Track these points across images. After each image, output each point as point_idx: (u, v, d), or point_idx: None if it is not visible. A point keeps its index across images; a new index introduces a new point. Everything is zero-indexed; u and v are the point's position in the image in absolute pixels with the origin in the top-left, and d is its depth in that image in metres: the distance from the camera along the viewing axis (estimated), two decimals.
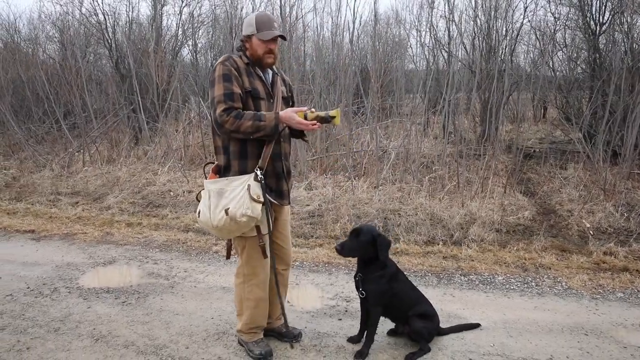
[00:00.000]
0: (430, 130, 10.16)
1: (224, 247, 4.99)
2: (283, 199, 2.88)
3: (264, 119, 2.58)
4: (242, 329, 2.94)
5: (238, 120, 2.55)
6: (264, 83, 2.76)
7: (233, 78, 2.60)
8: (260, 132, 2.59)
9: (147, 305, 3.69)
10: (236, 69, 2.64)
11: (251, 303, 2.86)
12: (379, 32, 10.79)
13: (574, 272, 4.39)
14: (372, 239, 2.88)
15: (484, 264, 4.59)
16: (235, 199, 2.57)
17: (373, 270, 2.94)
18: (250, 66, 2.72)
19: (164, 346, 3.08)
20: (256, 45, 2.69)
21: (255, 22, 2.67)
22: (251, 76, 2.71)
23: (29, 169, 8.69)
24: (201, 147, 8.85)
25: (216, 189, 2.64)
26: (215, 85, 2.60)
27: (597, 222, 5.66)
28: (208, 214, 2.63)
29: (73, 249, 5.07)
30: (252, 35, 2.68)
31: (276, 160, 2.78)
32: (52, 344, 3.10)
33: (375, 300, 2.94)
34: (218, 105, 2.57)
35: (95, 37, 11.99)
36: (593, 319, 3.51)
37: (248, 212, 2.56)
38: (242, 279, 2.85)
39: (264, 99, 2.73)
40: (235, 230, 2.63)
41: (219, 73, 2.61)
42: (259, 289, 2.85)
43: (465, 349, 3.06)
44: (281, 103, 2.82)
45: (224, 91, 2.57)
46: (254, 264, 2.79)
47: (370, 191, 6.63)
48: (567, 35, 10.48)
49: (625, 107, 7.25)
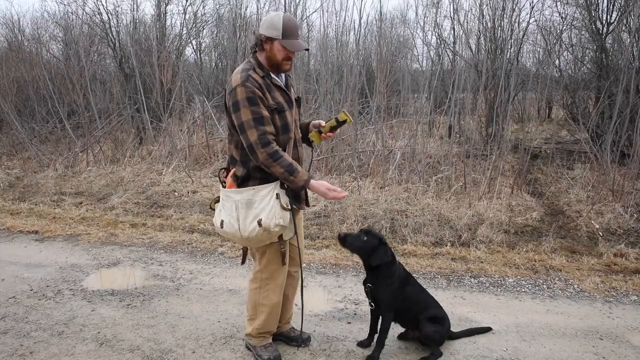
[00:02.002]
0: (436, 131, 10.10)
1: (230, 250, 4.94)
2: (301, 203, 2.82)
3: (296, 175, 2.51)
4: (252, 333, 2.88)
5: (272, 160, 2.45)
6: (282, 91, 2.65)
7: (258, 100, 2.47)
8: (286, 182, 2.55)
9: (153, 308, 3.64)
10: (259, 89, 2.49)
11: (266, 308, 2.80)
12: (384, 31, 10.72)
13: (585, 274, 4.32)
14: (376, 245, 2.83)
15: (493, 266, 4.52)
16: (265, 209, 2.50)
17: (382, 278, 2.87)
18: (266, 78, 2.58)
19: (170, 350, 3.03)
20: (277, 50, 2.54)
21: (283, 27, 2.49)
22: (271, 90, 2.57)
23: (33, 169, 8.65)
24: (205, 147, 8.80)
25: (244, 199, 2.53)
26: (241, 109, 2.46)
27: (606, 223, 5.59)
28: (237, 226, 2.53)
29: (77, 250, 5.02)
30: (275, 39, 2.52)
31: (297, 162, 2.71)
32: (56, 348, 3.05)
33: (387, 307, 2.88)
34: (249, 131, 2.45)
35: (99, 37, 11.95)
36: (607, 322, 3.44)
37: (280, 222, 2.51)
38: (259, 284, 2.78)
39: (288, 110, 2.63)
40: (267, 239, 2.57)
41: (242, 96, 2.45)
42: (274, 294, 2.78)
43: (477, 354, 2.99)
44: (295, 107, 2.74)
45: (252, 116, 2.45)
46: (273, 268, 2.73)
47: (376, 191, 6.57)
48: (574, 35, 10.42)
49: (633, 107, 7.17)
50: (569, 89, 9.87)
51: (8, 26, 13.49)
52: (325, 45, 9.94)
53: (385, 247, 2.87)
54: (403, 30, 13.65)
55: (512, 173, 7.63)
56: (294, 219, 2.66)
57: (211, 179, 7.68)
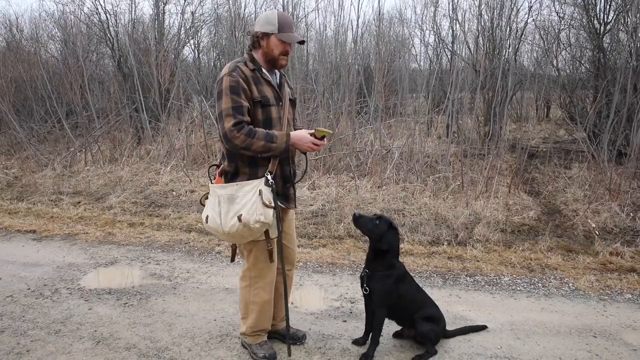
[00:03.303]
0: (434, 130, 10.11)
1: (227, 249, 4.95)
2: (290, 202, 2.83)
3: (275, 140, 2.53)
4: (246, 331, 2.90)
5: (250, 138, 2.48)
6: (272, 87, 2.68)
7: (241, 90, 2.51)
8: (270, 152, 2.55)
9: (149, 307, 3.65)
10: (244, 80, 2.54)
11: (257, 306, 2.82)
12: (382, 31, 10.73)
13: (581, 273, 4.34)
14: (387, 229, 2.86)
15: (489, 265, 4.54)
16: (247, 205, 2.51)
17: (381, 268, 2.90)
18: (257, 72, 2.62)
19: (166, 349, 3.04)
20: (274, 45, 2.60)
21: (278, 21, 2.57)
22: (259, 83, 2.61)
23: (31, 169, 8.65)
24: (204, 147, 8.81)
25: (226, 194, 2.56)
26: (223, 97, 2.51)
27: (602, 222, 5.61)
28: (219, 221, 2.56)
29: (74, 249, 5.04)
30: (271, 34, 2.58)
31: (285, 164, 2.73)
32: (53, 347, 3.06)
33: (380, 301, 2.90)
34: (226, 119, 2.48)
35: (98, 36, 11.95)
36: (601, 320, 3.46)
37: (261, 219, 2.51)
38: (248, 282, 2.80)
39: (274, 105, 2.65)
40: (248, 236, 2.58)
41: (226, 85, 2.51)
42: (264, 292, 2.80)
43: (472, 352, 3.01)
44: (288, 106, 2.76)
45: (232, 104, 2.49)
46: (261, 266, 2.74)
47: (374, 191, 6.58)
48: (572, 35, 10.44)
49: (630, 106, 7.20)
50: (567, 88, 9.90)
51: (6, 26, 13.51)
52: (324, 45, 9.96)
53: (395, 232, 2.91)
54: (401, 29, 13.66)
55: (509, 172, 7.65)
56: (282, 216, 2.67)
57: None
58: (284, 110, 2.71)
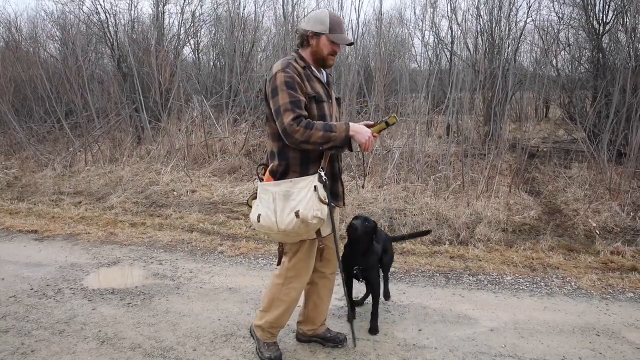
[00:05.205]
0: (434, 130, 10.12)
1: (230, 248, 4.96)
2: (338, 200, 2.80)
3: (335, 129, 2.49)
4: (263, 325, 2.85)
5: (309, 130, 2.44)
6: (322, 84, 2.67)
7: (296, 85, 2.49)
8: (330, 142, 2.49)
9: (153, 307, 3.65)
10: (298, 75, 2.52)
11: (284, 305, 2.78)
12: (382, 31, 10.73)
13: (583, 272, 4.36)
14: (374, 226, 3.13)
15: (491, 264, 4.55)
16: (303, 200, 2.47)
17: (370, 257, 3.14)
18: (307, 69, 2.60)
19: (170, 348, 3.04)
20: (323, 45, 2.59)
21: (330, 22, 2.56)
22: (311, 80, 2.60)
23: (31, 169, 8.65)
24: (204, 147, 8.81)
25: (281, 191, 2.51)
26: (279, 93, 2.47)
27: (603, 221, 5.62)
28: (273, 218, 2.49)
29: (77, 249, 5.03)
30: (322, 34, 2.57)
31: (334, 160, 2.72)
32: (57, 347, 3.07)
33: (377, 282, 3.22)
34: (285, 113, 2.44)
35: (97, 36, 11.94)
36: (604, 319, 3.47)
37: (318, 214, 2.47)
38: (283, 280, 2.76)
39: (326, 102, 2.65)
40: (303, 233, 2.53)
41: (280, 81, 2.48)
42: (296, 292, 2.78)
43: (476, 350, 3.02)
44: (334, 104, 2.76)
45: (289, 99, 2.45)
46: (301, 266, 2.72)
47: (375, 190, 6.59)
48: (571, 35, 10.45)
49: (629, 106, 7.22)
50: (566, 88, 9.91)
51: (5, 25, 13.46)
52: None
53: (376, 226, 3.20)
54: (401, 30, 13.67)
55: (509, 172, 7.66)
56: (332, 216, 2.62)
57: (210, 178, 7.69)
58: (332, 107, 2.70)
